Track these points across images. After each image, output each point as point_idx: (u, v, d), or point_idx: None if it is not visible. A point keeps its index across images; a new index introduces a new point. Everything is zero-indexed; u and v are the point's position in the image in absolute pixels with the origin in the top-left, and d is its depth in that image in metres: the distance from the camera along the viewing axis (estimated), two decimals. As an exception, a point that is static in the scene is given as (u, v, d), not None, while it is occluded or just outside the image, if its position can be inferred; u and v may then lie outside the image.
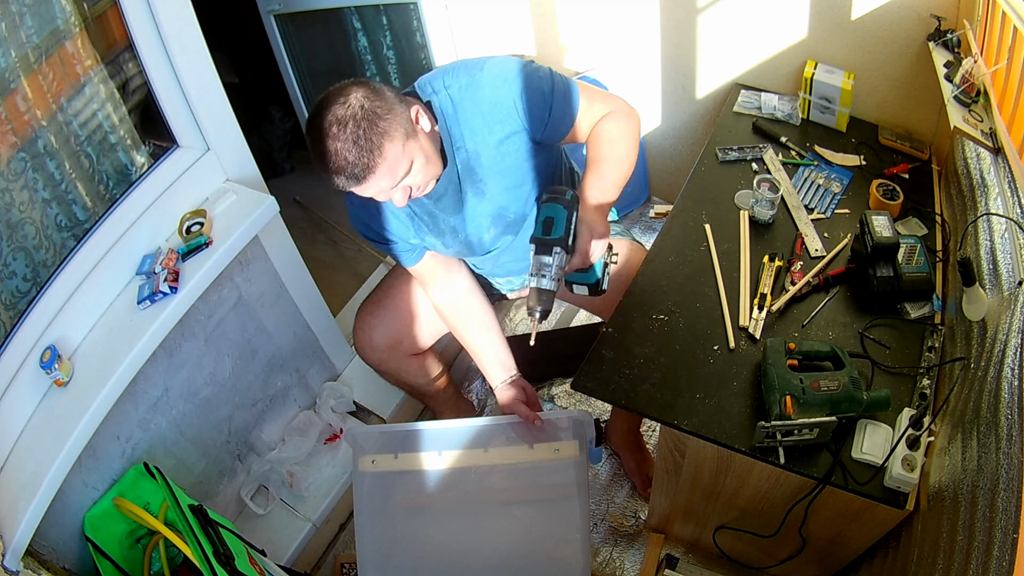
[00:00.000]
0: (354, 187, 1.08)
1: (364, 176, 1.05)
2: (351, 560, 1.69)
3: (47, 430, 1.19)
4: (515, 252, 1.45)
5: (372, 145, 1.04)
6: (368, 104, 1.04)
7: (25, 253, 1.25)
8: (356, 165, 1.04)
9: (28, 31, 1.18)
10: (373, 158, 1.04)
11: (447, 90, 1.20)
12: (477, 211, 1.30)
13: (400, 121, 1.08)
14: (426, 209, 1.30)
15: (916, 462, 1.01)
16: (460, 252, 1.40)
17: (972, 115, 1.29)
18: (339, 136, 1.02)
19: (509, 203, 1.32)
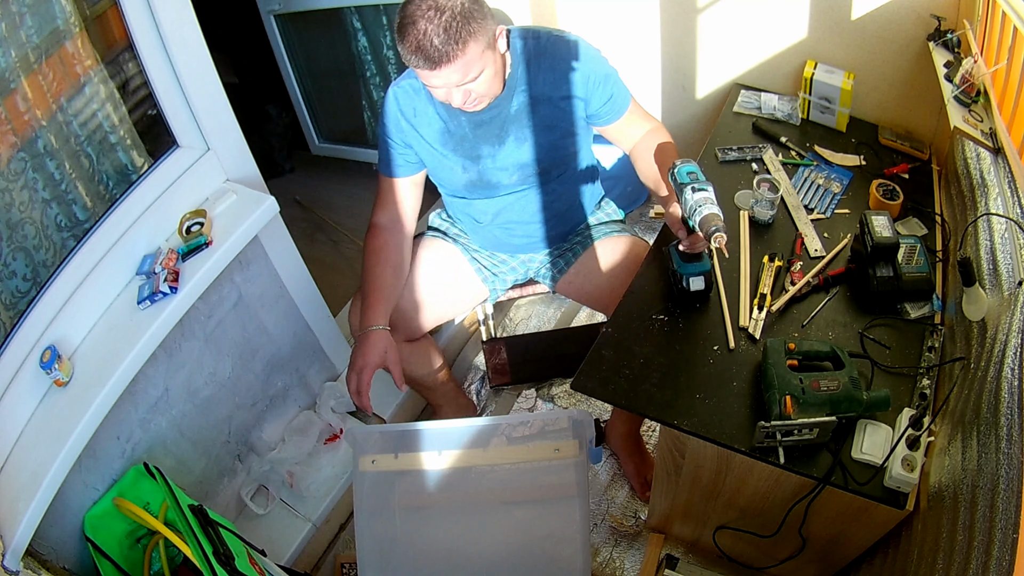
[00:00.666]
0: (426, 70, 1.14)
1: (440, 62, 1.12)
2: (351, 560, 1.69)
3: (47, 430, 1.18)
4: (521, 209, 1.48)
5: (459, 38, 1.11)
6: (468, 5, 1.13)
7: (25, 253, 1.25)
8: (438, 50, 1.11)
9: (28, 31, 1.18)
10: (455, 49, 1.12)
11: (535, 39, 1.31)
12: (510, 153, 1.37)
13: (488, 30, 1.17)
14: (463, 129, 1.36)
15: (916, 462, 1.01)
16: (471, 182, 1.42)
17: (972, 115, 1.29)
18: (433, 19, 1.10)
19: (542, 158, 1.39)
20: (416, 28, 1.10)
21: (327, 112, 2.90)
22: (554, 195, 1.48)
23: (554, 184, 1.46)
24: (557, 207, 1.51)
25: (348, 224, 2.59)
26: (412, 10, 1.11)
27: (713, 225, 1.12)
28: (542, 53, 1.31)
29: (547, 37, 1.32)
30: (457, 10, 1.11)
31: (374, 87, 2.59)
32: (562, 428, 1.39)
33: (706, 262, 1.29)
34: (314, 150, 2.99)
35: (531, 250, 1.60)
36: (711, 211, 1.13)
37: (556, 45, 1.31)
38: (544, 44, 1.31)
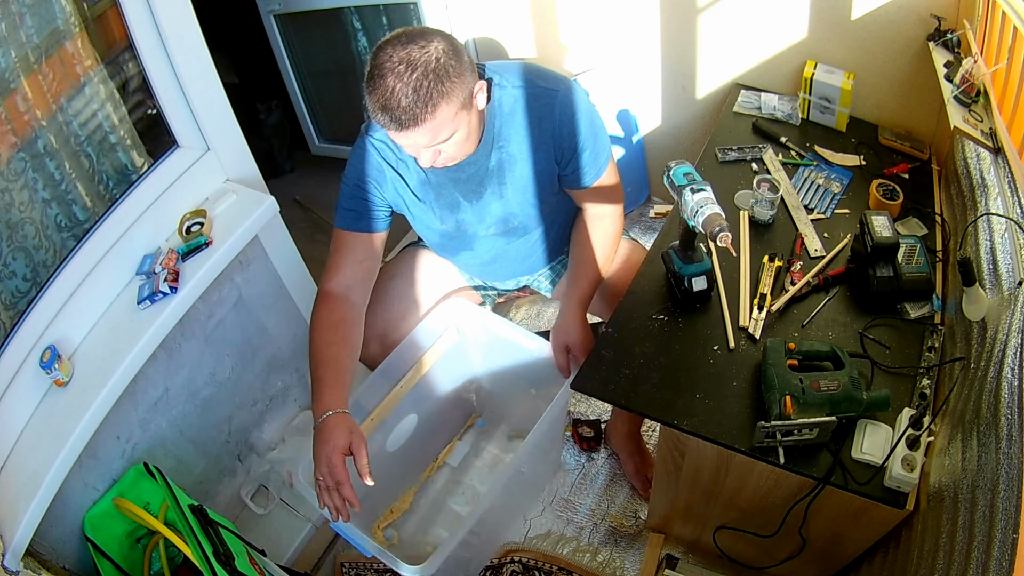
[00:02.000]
0: (392, 130, 1.05)
1: (408, 125, 1.04)
2: (351, 560, 1.69)
3: (47, 430, 1.19)
4: (505, 259, 1.46)
5: (429, 100, 1.02)
6: (444, 60, 1.03)
7: (25, 253, 1.25)
8: (406, 112, 1.02)
9: (28, 31, 1.18)
10: (424, 112, 1.03)
11: (516, 89, 1.21)
12: (488, 208, 1.32)
13: (464, 88, 1.07)
14: (441, 180, 1.29)
15: (916, 462, 1.01)
16: (448, 233, 1.37)
17: (972, 115, 1.29)
18: (403, 76, 1.01)
19: (520, 213, 1.34)
20: (384, 84, 1.01)
21: (327, 112, 2.90)
22: (537, 239, 1.44)
23: (537, 230, 1.42)
24: (542, 245, 1.47)
25: (348, 224, 2.58)
26: (382, 60, 1.02)
27: (717, 225, 1.11)
28: (525, 107, 1.21)
29: (531, 88, 1.21)
30: (431, 66, 1.01)
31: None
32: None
33: (707, 261, 1.29)
34: (314, 150, 2.99)
35: (521, 275, 1.57)
36: (713, 211, 1.13)
37: (539, 99, 1.21)
38: (528, 96, 1.21)
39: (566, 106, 1.22)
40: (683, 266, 1.28)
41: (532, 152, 1.25)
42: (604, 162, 1.31)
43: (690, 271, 1.28)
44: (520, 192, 1.30)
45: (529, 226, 1.38)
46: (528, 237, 1.42)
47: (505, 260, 1.46)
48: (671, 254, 1.33)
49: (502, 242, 1.40)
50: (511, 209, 1.32)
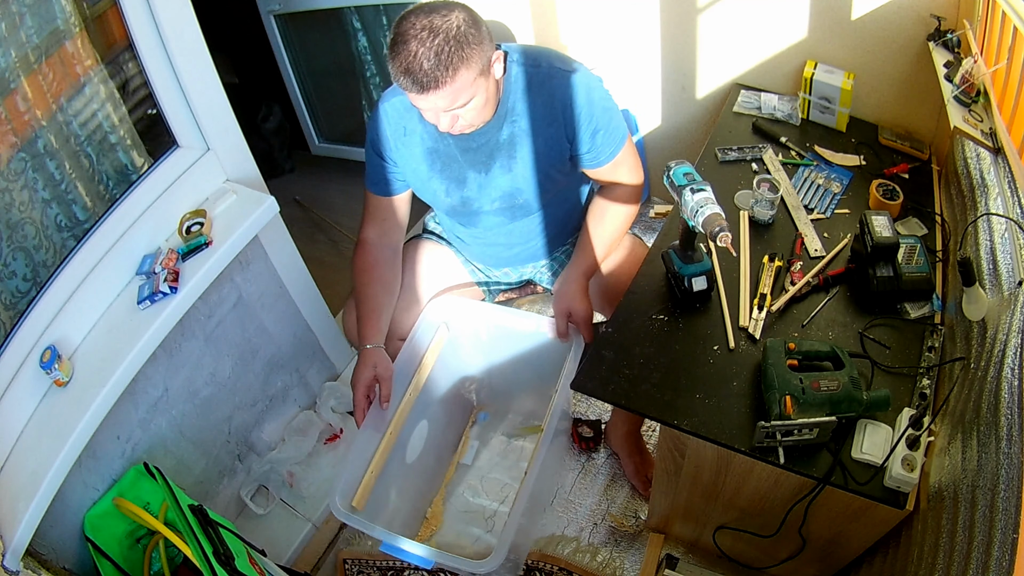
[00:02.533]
0: (414, 93, 1.11)
1: (428, 87, 1.09)
2: (354, 556, 1.70)
3: (47, 430, 1.19)
4: (508, 239, 1.47)
5: (450, 64, 1.07)
6: (464, 28, 1.09)
7: (25, 253, 1.25)
8: (427, 75, 1.07)
9: (28, 31, 1.18)
10: (445, 76, 1.08)
11: (534, 67, 1.26)
12: (496, 181, 1.34)
13: (483, 55, 1.12)
14: (450, 152, 1.33)
15: (916, 462, 1.01)
16: (453, 208, 1.40)
17: (972, 115, 1.29)
18: (425, 41, 1.06)
19: (526, 189, 1.36)
20: (407, 49, 1.07)
21: (327, 112, 2.90)
22: (540, 221, 1.46)
23: (540, 213, 1.44)
24: (544, 230, 1.49)
25: (348, 224, 2.59)
26: (406, 28, 1.08)
27: (717, 225, 1.12)
28: (539, 85, 1.26)
29: (547, 67, 1.26)
30: (452, 33, 1.07)
31: (374, 87, 2.59)
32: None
33: (707, 261, 1.29)
34: (314, 150, 2.99)
35: (523, 263, 1.59)
36: (713, 211, 1.13)
37: (554, 78, 1.26)
38: (544, 75, 1.26)
39: (581, 87, 1.26)
40: (683, 266, 1.28)
41: (544, 129, 1.29)
42: (620, 142, 1.34)
43: (690, 271, 1.28)
44: (528, 168, 1.32)
45: (533, 205, 1.40)
46: (532, 218, 1.44)
47: (509, 240, 1.47)
48: (671, 254, 1.33)
49: (506, 220, 1.42)
50: (518, 184, 1.35)
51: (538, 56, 1.27)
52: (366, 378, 1.36)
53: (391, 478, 1.49)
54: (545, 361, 1.58)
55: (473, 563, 1.21)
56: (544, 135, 1.29)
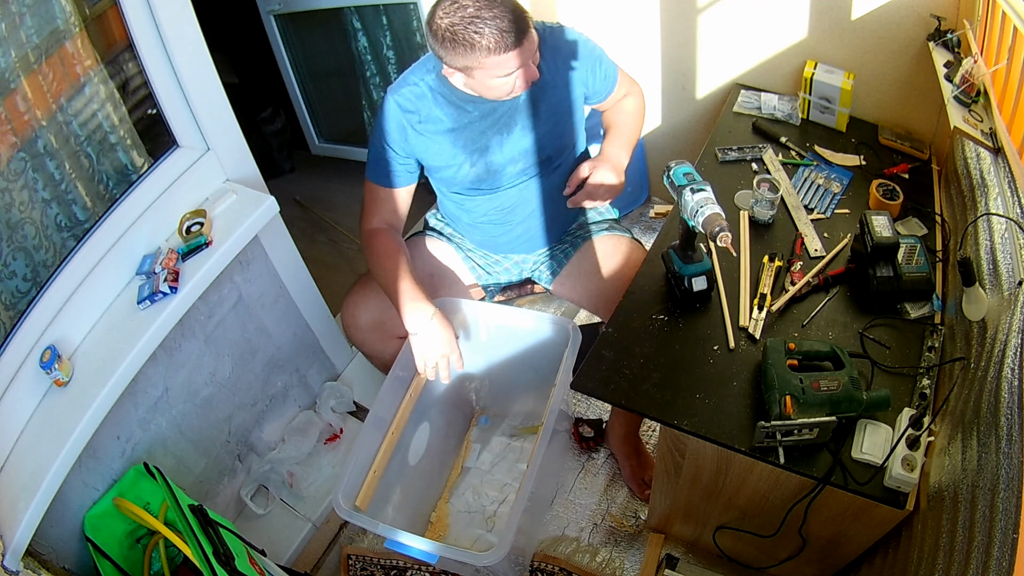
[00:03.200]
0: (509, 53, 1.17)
1: (519, 39, 1.16)
2: (358, 552, 1.70)
3: (47, 430, 1.19)
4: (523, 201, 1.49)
5: (523, 20, 1.17)
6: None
7: (25, 253, 1.25)
8: (512, 32, 1.15)
9: (28, 31, 1.18)
10: (526, 27, 1.17)
11: (540, 28, 1.33)
12: (517, 142, 1.39)
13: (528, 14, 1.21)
14: (472, 125, 1.37)
15: (916, 462, 1.01)
16: (478, 177, 1.42)
17: (972, 115, 1.29)
18: (493, 8, 1.14)
19: (545, 145, 1.42)
20: (484, 22, 1.13)
21: (327, 112, 2.90)
22: (552, 187, 1.49)
23: (552, 176, 1.47)
24: (554, 200, 1.51)
25: (348, 224, 2.59)
26: (461, 15, 1.14)
27: (717, 225, 1.12)
28: (545, 41, 1.33)
29: (543, 26, 1.36)
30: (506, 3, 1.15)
31: (374, 87, 2.59)
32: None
33: (707, 261, 1.29)
34: (314, 150, 2.99)
35: (525, 250, 1.60)
36: (713, 211, 1.13)
37: (555, 34, 1.36)
38: (546, 33, 1.35)
39: (572, 33, 1.39)
40: (683, 266, 1.28)
41: (562, 79, 1.38)
42: (614, 68, 1.48)
43: (690, 271, 1.28)
44: (550, 120, 1.40)
45: (552, 161, 1.46)
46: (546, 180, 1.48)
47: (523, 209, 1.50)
48: (671, 254, 1.33)
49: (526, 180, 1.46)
50: (540, 141, 1.41)
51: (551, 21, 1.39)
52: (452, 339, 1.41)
53: (394, 480, 1.49)
54: (545, 360, 1.58)
55: (477, 555, 1.22)
56: (558, 88, 1.38)
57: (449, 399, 1.74)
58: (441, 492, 1.74)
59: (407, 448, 1.54)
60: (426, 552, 1.24)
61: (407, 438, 1.52)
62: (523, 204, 1.50)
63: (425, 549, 1.23)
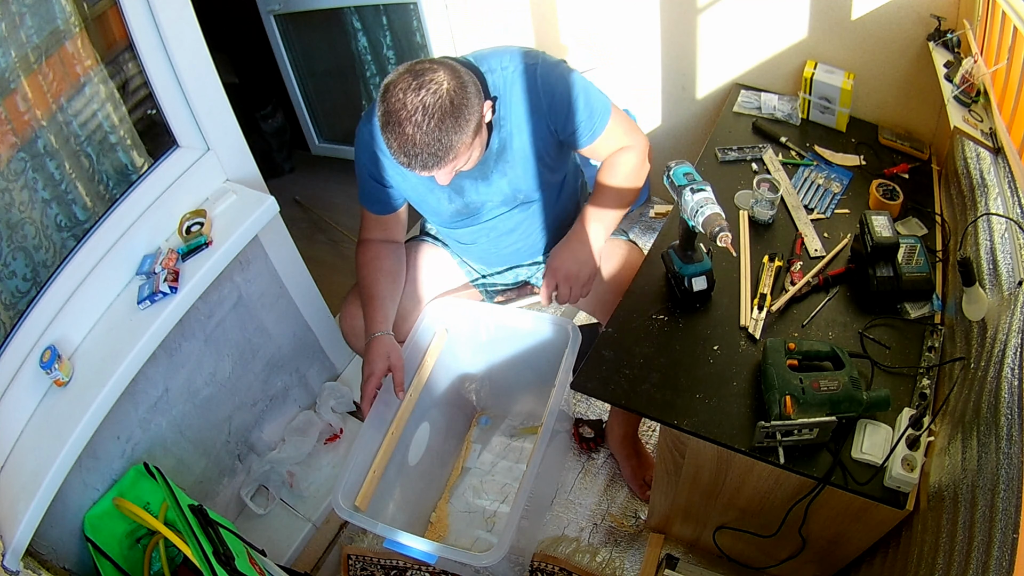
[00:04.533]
0: (414, 170, 1.12)
1: (429, 168, 1.11)
2: (358, 552, 1.70)
3: (47, 430, 1.19)
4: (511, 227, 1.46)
5: (449, 145, 1.09)
6: (456, 99, 1.08)
7: (25, 253, 1.25)
8: (428, 159, 1.09)
9: (28, 31, 1.18)
10: (445, 157, 1.10)
11: (503, 71, 1.25)
12: (495, 186, 1.35)
13: (475, 118, 1.12)
14: None
15: (916, 462, 1.01)
16: (457, 211, 1.40)
17: (972, 115, 1.29)
18: (422, 125, 1.06)
19: (524, 186, 1.37)
20: (403, 132, 1.06)
21: (327, 112, 2.90)
22: (541, 213, 1.46)
23: (540, 202, 1.44)
24: (546, 217, 1.49)
25: (348, 224, 2.59)
26: (396, 106, 1.06)
27: (717, 225, 1.12)
28: (512, 85, 1.25)
29: (514, 68, 1.25)
30: (447, 108, 1.06)
31: (374, 87, 2.59)
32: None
33: (707, 261, 1.29)
34: (314, 150, 2.99)
35: (521, 261, 1.59)
36: (713, 211, 1.14)
37: (524, 75, 1.25)
38: (512, 76, 1.25)
39: (546, 76, 1.26)
40: (683, 266, 1.28)
41: (527, 123, 1.28)
42: (604, 113, 1.32)
43: (690, 271, 1.28)
44: (522, 163, 1.33)
45: (533, 196, 1.41)
46: (532, 207, 1.44)
47: (511, 231, 1.47)
48: (671, 254, 1.33)
49: (508, 212, 1.43)
50: (517, 184, 1.35)
51: (506, 57, 1.26)
52: (380, 368, 1.35)
53: (393, 480, 1.49)
54: (545, 361, 1.58)
55: (476, 555, 1.22)
56: (529, 128, 1.29)
57: (449, 399, 1.74)
58: (441, 492, 1.74)
59: (407, 448, 1.54)
60: (425, 552, 1.24)
61: (407, 438, 1.52)
62: (512, 230, 1.47)
63: (424, 549, 1.23)
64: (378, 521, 1.29)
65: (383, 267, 1.43)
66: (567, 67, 1.29)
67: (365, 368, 1.37)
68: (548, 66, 1.26)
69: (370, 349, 1.37)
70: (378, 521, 1.29)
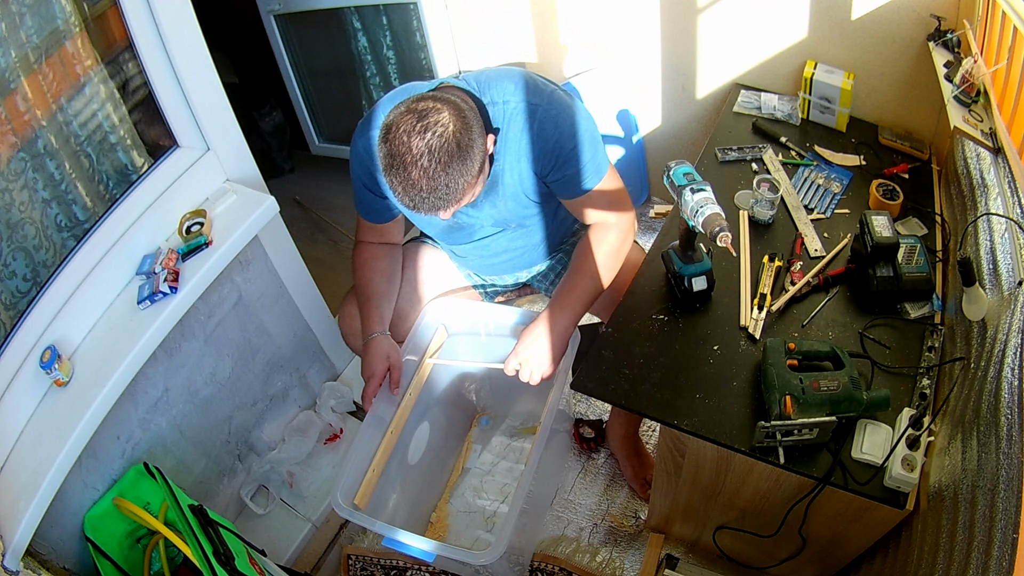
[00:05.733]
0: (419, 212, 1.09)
1: (435, 211, 1.08)
2: (358, 552, 1.70)
3: (47, 430, 1.19)
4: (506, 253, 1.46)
5: (455, 188, 1.06)
6: (462, 141, 1.05)
7: (25, 253, 1.25)
8: (436, 203, 1.06)
9: (28, 31, 1.18)
10: (449, 202, 1.07)
11: (504, 104, 1.21)
12: (485, 213, 1.34)
13: (480, 157, 1.09)
14: None
15: (916, 462, 1.01)
16: (450, 226, 1.38)
17: (972, 115, 1.29)
18: (428, 170, 1.03)
19: (514, 217, 1.36)
20: (408, 177, 1.03)
21: (327, 112, 2.90)
22: (537, 230, 1.45)
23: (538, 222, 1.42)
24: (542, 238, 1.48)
25: (348, 224, 2.59)
26: (400, 149, 1.02)
27: (717, 225, 1.12)
28: (511, 121, 1.21)
29: (516, 103, 1.20)
30: (453, 152, 1.03)
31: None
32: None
33: (707, 261, 1.29)
34: (314, 150, 2.99)
35: (520, 269, 1.58)
36: (713, 211, 1.14)
37: (526, 114, 1.21)
38: (513, 112, 1.21)
39: (546, 120, 1.21)
40: (683, 266, 1.28)
41: (519, 162, 1.25)
42: (593, 175, 1.26)
43: (690, 271, 1.28)
44: (512, 198, 1.30)
45: (527, 224, 1.40)
46: (527, 231, 1.43)
47: (506, 250, 1.46)
48: (671, 254, 1.33)
49: (500, 235, 1.42)
50: (506, 215, 1.34)
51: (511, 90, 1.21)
52: (381, 369, 1.35)
53: (393, 479, 1.49)
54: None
55: (474, 554, 1.22)
56: (521, 169, 1.26)
57: (450, 399, 1.74)
58: (441, 492, 1.74)
59: (407, 448, 1.54)
60: (423, 551, 1.24)
61: (407, 438, 1.52)
62: (505, 249, 1.46)
63: (422, 548, 1.23)
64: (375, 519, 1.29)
65: (379, 267, 1.43)
66: (575, 115, 1.22)
67: (365, 369, 1.38)
68: (552, 110, 1.21)
69: (368, 350, 1.37)
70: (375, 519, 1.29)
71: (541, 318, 1.35)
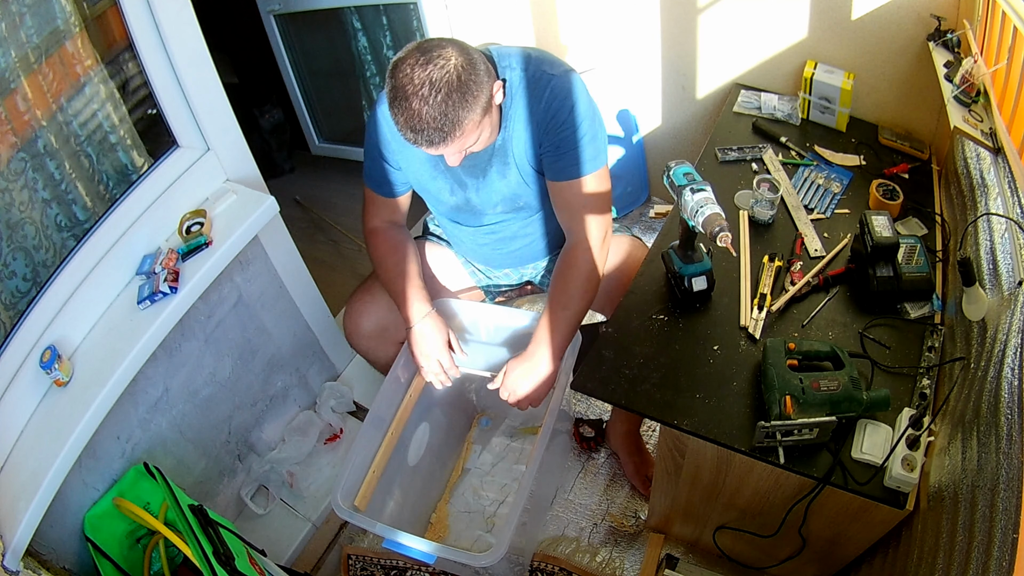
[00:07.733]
0: (421, 146, 1.10)
1: (436, 144, 1.09)
2: (358, 553, 1.70)
3: (47, 430, 1.19)
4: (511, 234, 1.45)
5: (456, 120, 1.07)
6: (464, 75, 1.06)
7: (25, 253, 1.25)
8: (436, 132, 1.07)
9: (28, 31, 1.18)
10: (452, 132, 1.08)
11: (522, 71, 1.23)
12: (494, 186, 1.34)
13: (484, 96, 1.10)
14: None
15: (916, 462, 1.01)
16: (458, 206, 1.39)
17: (972, 115, 1.29)
18: (428, 99, 1.04)
19: (523, 193, 1.35)
20: (409, 107, 1.05)
21: (327, 112, 2.90)
22: (541, 220, 1.45)
23: (541, 212, 1.43)
24: (545, 228, 1.48)
25: (348, 224, 2.59)
26: (403, 81, 1.04)
27: (717, 225, 1.12)
28: (524, 89, 1.23)
29: (534, 71, 1.22)
30: (453, 84, 1.04)
31: (374, 87, 2.59)
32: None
33: (707, 261, 1.29)
34: (314, 150, 2.99)
35: (523, 263, 1.58)
36: (713, 211, 1.14)
37: (539, 83, 1.21)
38: (527, 81, 1.22)
39: (557, 92, 1.22)
40: (683, 266, 1.29)
41: (526, 129, 1.26)
42: (591, 156, 1.25)
43: (690, 271, 1.28)
44: (521, 168, 1.31)
45: (534, 205, 1.40)
46: (534, 218, 1.43)
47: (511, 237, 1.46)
48: (671, 254, 1.33)
49: (508, 219, 1.42)
50: (514, 189, 1.34)
51: (527, 59, 1.23)
52: (443, 342, 1.39)
53: (393, 480, 1.49)
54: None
55: (475, 556, 1.22)
56: (530, 138, 1.27)
57: (450, 400, 1.74)
58: (441, 493, 1.74)
59: (407, 448, 1.54)
60: (423, 552, 1.24)
61: (407, 438, 1.52)
62: (514, 236, 1.46)
63: (423, 549, 1.23)
64: (377, 521, 1.29)
65: (406, 253, 1.42)
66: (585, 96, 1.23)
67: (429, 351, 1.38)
68: (564, 83, 1.21)
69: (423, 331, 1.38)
70: (377, 521, 1.29)
71: (527, 354, 1.34)
